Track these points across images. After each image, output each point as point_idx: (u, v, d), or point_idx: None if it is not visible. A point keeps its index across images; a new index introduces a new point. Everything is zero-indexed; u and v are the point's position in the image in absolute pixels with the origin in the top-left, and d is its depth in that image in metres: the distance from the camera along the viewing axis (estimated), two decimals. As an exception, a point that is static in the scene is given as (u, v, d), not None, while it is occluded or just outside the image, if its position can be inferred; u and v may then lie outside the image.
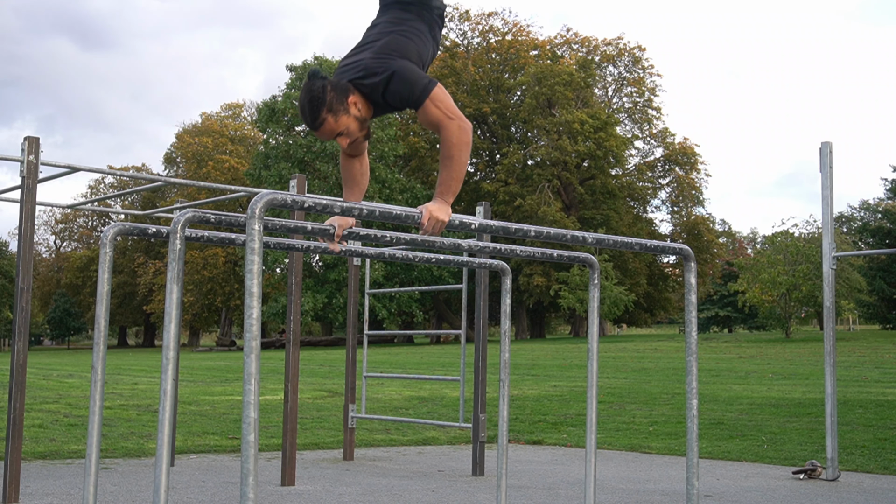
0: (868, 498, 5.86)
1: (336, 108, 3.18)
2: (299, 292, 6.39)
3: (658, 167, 54.64)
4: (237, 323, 63.34)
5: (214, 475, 6.61)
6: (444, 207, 3.18)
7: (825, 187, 6.96)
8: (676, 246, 3.65)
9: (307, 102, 3.18)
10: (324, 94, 3.16)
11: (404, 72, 3.22)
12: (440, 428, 9.75)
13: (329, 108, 3.17)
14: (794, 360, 22.45)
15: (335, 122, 3.19)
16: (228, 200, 8.66)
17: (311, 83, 3.19)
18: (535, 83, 48.90)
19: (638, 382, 16.08)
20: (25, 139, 5.58)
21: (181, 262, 2.91)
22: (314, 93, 3.17)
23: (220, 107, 70.30)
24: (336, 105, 3.18)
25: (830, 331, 6.93)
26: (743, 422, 10.11)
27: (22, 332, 5.42)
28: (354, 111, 3.23)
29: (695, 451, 3.58)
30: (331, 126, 3.20)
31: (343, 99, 3.19)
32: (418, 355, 29.38)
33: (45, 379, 18.41)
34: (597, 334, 3.91)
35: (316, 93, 3.17)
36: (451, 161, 3.23)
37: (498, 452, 4.09)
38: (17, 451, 5.30)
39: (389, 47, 3.31)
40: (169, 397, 2.87)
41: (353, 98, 3.23)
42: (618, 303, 42.12)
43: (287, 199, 2.77)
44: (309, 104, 3.18)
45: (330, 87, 3.18)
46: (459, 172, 3.24)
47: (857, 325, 62.41)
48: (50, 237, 73.60)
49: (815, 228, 40.81)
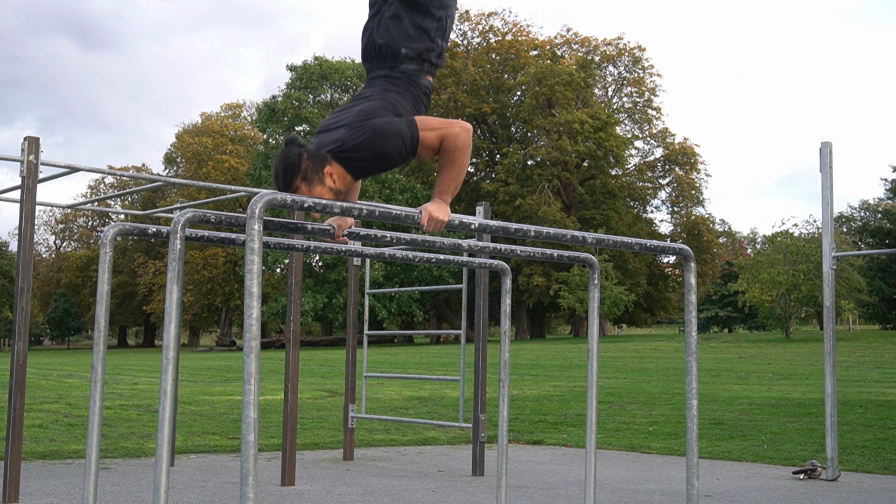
0: (868, 498, 5.86)
1: (310, 177, 3.11)
2: (299, 292, 6.39)
3: (658, 167, 54.63)
4: (237, 323, 63.36)
5: (214, 475, 6.61)
6: (443, 207, 3.17)
7: (825, 187, 6.96)
8: (676, 246, 3.65)
9: (281, 169, 3.13)
10: (299, 162, 3.11)
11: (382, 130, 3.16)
12: (440, 428, 9.75)
13: (303, 177, 3.11)
14: (794, 360, 22.45)
15: (308, 191, 3.12)
16: (228, 200, 8.67)
17: (288, 150, 3.14)
18: (535, 83, 48.90)
19: (638, 382, 16.08)
20: (25, 139, 5.58)
21: (181, 262, 2.91)
22: (289, 160, 3.12)
23: (220, 107, 70.35)
24: (311, 174, 3.11)
25: (830, 331, 6.93)
26: (743, 422, 10.11)
27: (22, 332, 5.42)
28: (329, 182, 3.15)
29: (695, 451, 3.58)
30: (304, 193, 3.12)
31: (319, 169, 3.13)
32: (418, 355, 29.38)
33: (45, 379, 18.41)
34: (597, 334, 3.91)
35: (291, 160, 3.11)
36: (452, 164, 3.22)
37: (498, 452, 4.09)
38: (17, 451, 5.30)
39: (364, 113, 3.22)
40: (169, 397, 2.87)
41: (329, 169, 3.15)
42: (618, 303, 42.12)
43: (287, 199, 2.77)
44: (283, 170, 3.12)
45: (307, 156, 3.12)
46: (460, 174, 3.23)
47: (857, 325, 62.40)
48: (50, 237, 73.68)
49: (815, 228, 40.82)
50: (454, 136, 3.20)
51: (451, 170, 3.22)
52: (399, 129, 3.17)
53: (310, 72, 50.40)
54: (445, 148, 3.22)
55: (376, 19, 3.46)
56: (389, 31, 3.39)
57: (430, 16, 3.41)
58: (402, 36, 3.37)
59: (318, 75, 50.43)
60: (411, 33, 3.38)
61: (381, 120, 3.19)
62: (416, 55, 3.38)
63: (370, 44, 3.45)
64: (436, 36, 3.43)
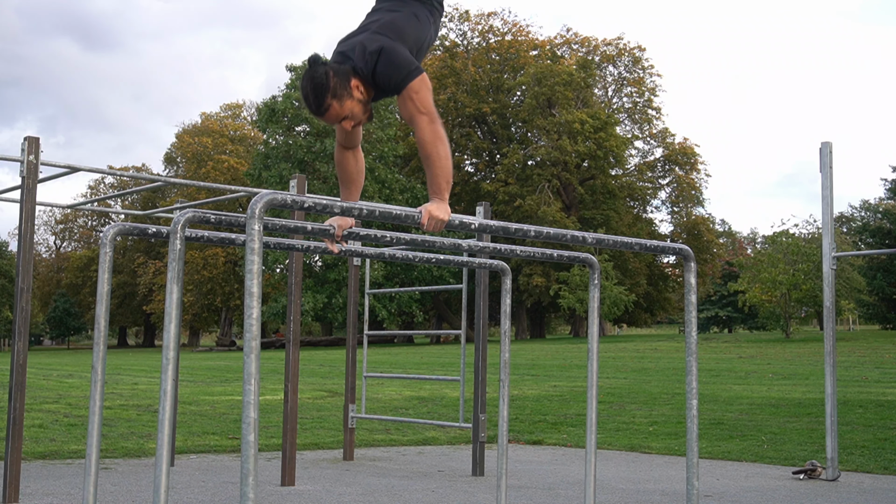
0: (868, 498, 5.86)
1: (340, 93, 3.19)
2: (299, 292, 6.39)
3: (658, 167, 54.64)
4: (237, 323, 63.35)
5: (214, 475, 6.61)
6: (442, 206, 3.18)
7: (825, 187, 6.96)
8: (676, 246, 3.65)
9: (311, 90, 3.19)
10: (327, 80, 3.17)
11: (391, 53, 3.23)
12: (440, 428, 9.75)
13: (333, 94, 3.18)
14: (794, 360, 22.45)
15: (340, 106, 3.21)
16: (228, 200, 8.66)
17: (314, 70, 3.20)
18: (535, 83, 48.90)
19: (638, 382, 16.08)
20: (25, 139, 5.58)
21: (181, 262, 2.91)
22: (317, 79, 3.18)
23: (220, 107, 70.37)
24: (339, 90, 3.19)
25: (830, 331, 6.93)
26: (743, 422, 10.11)
27: (22, 332, 5.42)
28: (357, 94, 3.23)
29: (695, 451, 3.58)
30: (336, 111, 3.21)
31: (346, 83, 3.20)
32: (418, 355, 29.38)
33: (45, 379, 18.41)
34: (597, 334, 3.91)
35: (319, 79, 3.18)
36: (430, 159, 3.23)
37: (498, 452, 4.09)
38: (17, 451, 5.30)
39: (385, 28, 3.32)
40: (169, 397, 2.87)
41: (355, 81, 3.23)
42: (618, 303, 42.12)
43: (287, 200, 2.77)
44: (313, 91, 3.19)
45: (332, 73, 3.19)
46: (444, 168, 3.22)
47: (857, 325, 62.40)
48: (50, 237, 73.67)
49: (815, 228, 40.82)
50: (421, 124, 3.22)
51: (433, 164, 3.23)
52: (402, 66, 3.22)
53: (309, 72, 50.37)
54: (416, 137, 3.26)
55: None
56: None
57: None
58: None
59: (303, 71, 50.38)
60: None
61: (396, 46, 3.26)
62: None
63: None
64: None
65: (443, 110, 49.05)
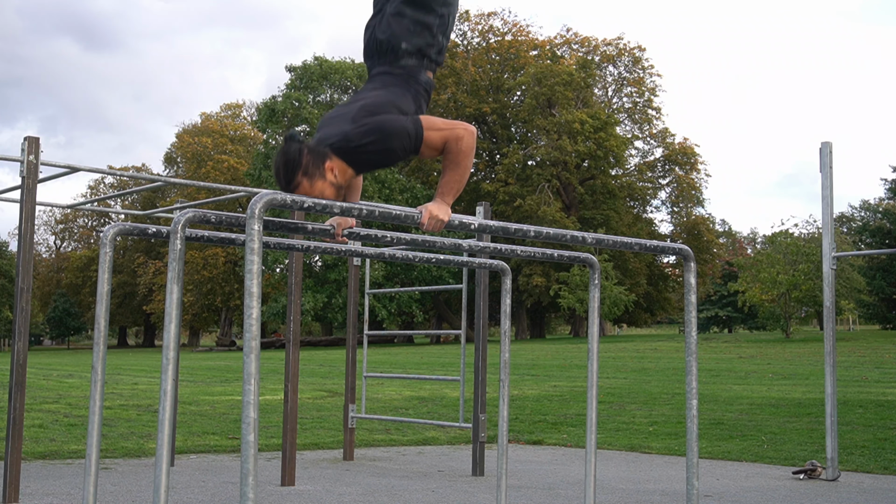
0: (868, 498, 5.86)
1: (311, 172, 3.12)
2: (299, 292, 6.39)
3: (658, 167, 54.64)
4: (237, 323, 63.35)
5: (214, 475, 6.61)
6: (443, 207, 3.18)
7: (825, 187, 6.96)
8: (676, 246, 3.65)
9: (282, 165, 3.13)
10: (300, 158, 3.11)
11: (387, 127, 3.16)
12: (440, 428, 9.75)
13: (304, 172, 3.11)
14: (794, 360, 22.45)
15: (310, 186, 3.12)
16: (228, 200, 8.66)
17: (288, 146, 3.14)
18: (535, 83, 48.89)
19: (638, 382, 16.08)
20: (25, 139, 5.58)
21: (181, 262, 2.91)
22: (290, 156, 3.12)
23: (220, 107, 70.36)
24: (312, 169, 3.11)
25: (830, 331, 6.92)
26: (743, 422, 10.11)
27: (22, 332, 5.42)
28: (330, 177, 3.15)
29: (695, 451, 3.58)
30: (305, 190, 3.13)
31: (319, 164, 3.13)
32: (418, 355, 29.38)
33: (45, 379, 18.41)
34: (597, 334, 3.91)
35: (292, 156, 3.11)
36: (456, 166, 3.23)
37: (498, 452, 4.09)
38: (17, 451, 5.30)
39: (367, 109, 3.23)
40: (169, 397, 2.87)
41: (330, 164, 3.15)
42: (618, 303, 42.11)
43: (287, 200, 2.77)
44: (284, 167, 3.12)
45: (307, 151, 3.12)
46: (463, 177, 3.24)
47: (857, 325, 62.40)
48: (50, 237, 73.66)
49: (814, 228, 40.82)
50: (458, 138, 3.21)
51: (455, 172, 3.23)
52: (404, 126, 3.18)
53: (310, 72, 50.41)
54: (449, 150, 3.22)
55: (379, 17, 3.48)
56: (391, 27, 3.40)
57: (432, 12, 3.43)
58: (404, 31, 3.39)
59: (317, 75, 50.42)
60: (412, 29, 3.39)
61: (386, 117, 3.20)
62: (416, 50, 3.39)
63: (371, 40, 3.47)
64: (437, 32, 3.44)
65: (443, 110, 49.07)
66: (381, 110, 3.22)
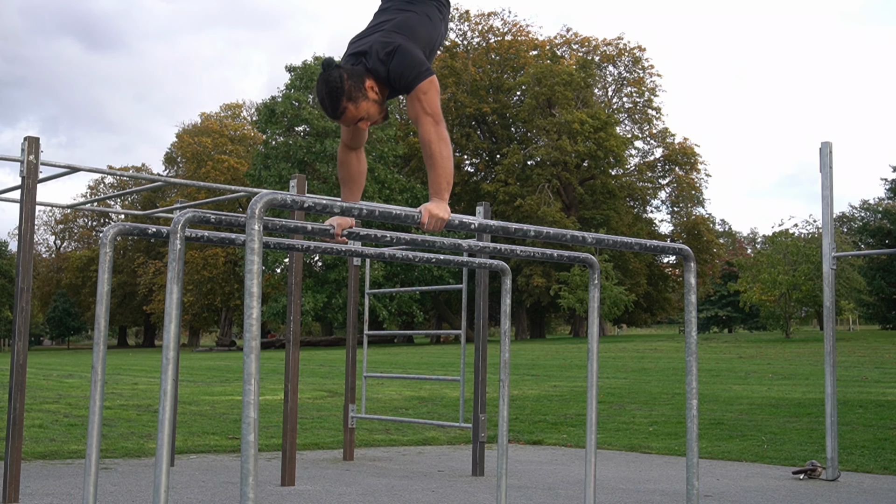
0: (868, 498, 5.86)
1: (355, 96, 3.22)
2: (299, 292, 6.39)
3: (658, 167, 54.66)
4: (237, 323, 63.35)
5: (214, 475, 6.61)
6: (442, 206, 3.19)
7: (825, 187, 6.96)
8: (676, 246, 3.65)
9: (326, 94, 3.21)
10: (342, 84, 3.19)
11: (405, 53, 3.25)
12: (440, 428, 9.75)
13: (349, 97, 3.21)
14: (794, 360, 22.45)
15: (356, 109, 3.23)
16: (228, 200, 8.67)
17: (328, 74, 3.22)
18: (535, 83, 48.91)
19: (638, 382, 16.08)
20: (25, 139, 5.58)
21: (181, 262, 2.91)
22: (332, 83, 3.20)
23: (220, 107, 70.35)
24: (355, 92, 3.21)
25: (830, 331, 6.92)
26: (743, 422, 10.11)
27: (22, 332, 5.42)
28: (373, 95, 3.26)
29: (695, 451, 3.58)
30: (352, 113, 3.24)
31: (360, 85, 3.22)
32: (418, 355, 29.38)
33: (45, 379, 18.41)
34: (597, 334, 3.91)
35: (334, 83, 3.20)
36: (432, 159, 3.25)
37: (498, 452, 4.09)
38: (17, 451, 5.30)
39: (399, 27, 3.34)
40: (169, 397, 2.87)
41: (370, 83, 3.25)
42: (618, 303, 42.12)
43: (287, 199, 2.77)
44: (329, 95, 3.21)
45: (347, 76, 3.21)
46: (445, 168, 3.25)
47: (857, 325, 62.40)
48: (50, 237, 73.66)
49: (814, 228, 40.83)
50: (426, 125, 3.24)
51: (435, 165, 3.24)
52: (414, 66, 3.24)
53: (310, 72, 50.39)
54: (420, 136, 3.27)
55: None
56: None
57: None
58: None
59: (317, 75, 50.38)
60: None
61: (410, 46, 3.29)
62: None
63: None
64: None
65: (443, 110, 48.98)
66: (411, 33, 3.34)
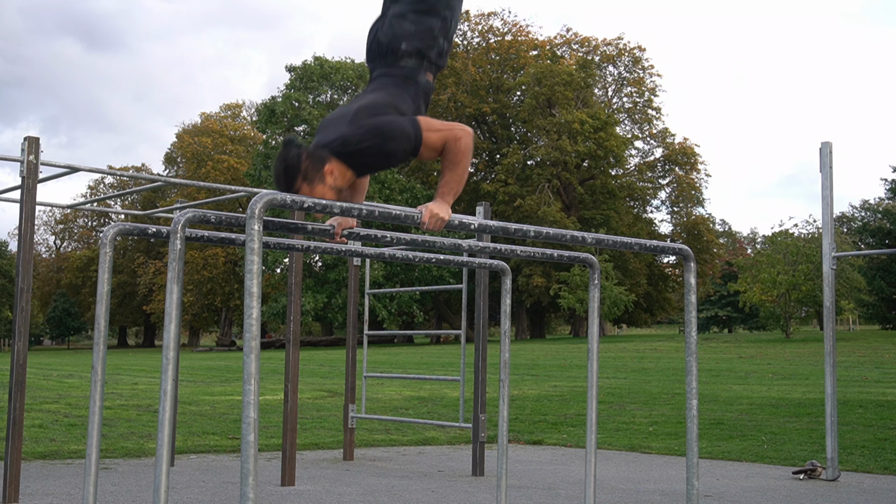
0: (868, 498, 5.86)
1: (311, 177, 3.13)
2: (299, 292, 6.39)
3: (658, 167, 54.65)
4: (237, 323, 63.35)
5: (214, 475, 6.61)
6: (444, 206, 3.18)
7: (825, 187, 6.96)
8: (676, 246, 3.65)
9: (282, 171, 3.14)
10: (298, 163, 3.12)
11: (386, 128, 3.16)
12: (440, 428, 9.75)
13: (304, 177, 3.12)
14: (794, 360, 22.46)
15: (310, 190, 3.13)
16: (228, 200, 8.67)
17: (287, 151, 3.15)
18: (535, 83, 48.90)
19: (638, 382, 16.08)
20: (25, 139, 5.58)
21: (181, 262, 2.91)
22: (289, 160, 3.13)
23: (220, 107, 70.35)
24: (312, 173, 3.12)
25: (830, 331, 6.92)
26: (743, 422, 10.11)
27: (22, 332, 5.42)
28: (330, 181, 3.16)
29: (695, 451, 3.58)
30: (306, 193, 3.13)
31: (319, 167, 3.13)
32: (418, 355, 29.38)
33: (45, 379, 18.41)
34: (597, 334, 3.91)
35: (291, 161, 3.12)
36: (455, 167, 3.23)
37: (498, 452, 4.09)
38: (17, 451, 5.30)
39: (366, 110, 3.23)
40: (169, 397, 2.87)
41: (330, 167, 3.15)
42: (618, 303, 42.11)
43: (287, 200, 2.77)
44: (284, 172, 3.13)
45: (305, 156, 3.13)
46: (462, 177, 3.25)
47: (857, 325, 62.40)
48: (50, 237, 73.65)
49: (814, 228, 40.84)
50: (456, 139, 3.21)
51: (454, 173, 3.24)
52: (403, 127, 3.18)
53: (309, 72, 50.40)
54: (448, 150, 3.23)
55: (382, 19, 3.48)
56: (392, 28, 3.40)
57: (435, 15, 3.42)
58: (404, 32, 3.38)
59: (318, 75, 50.40)
60: (413, 30, 3.39)
61: (385, 118, 3.19)
62: (415, 51, 3.38)
63: (373, 42, 3.47)
64: (439, 35, 3.43)
65: (443, 110, 49.07)
66: (379, 112, 3.22)
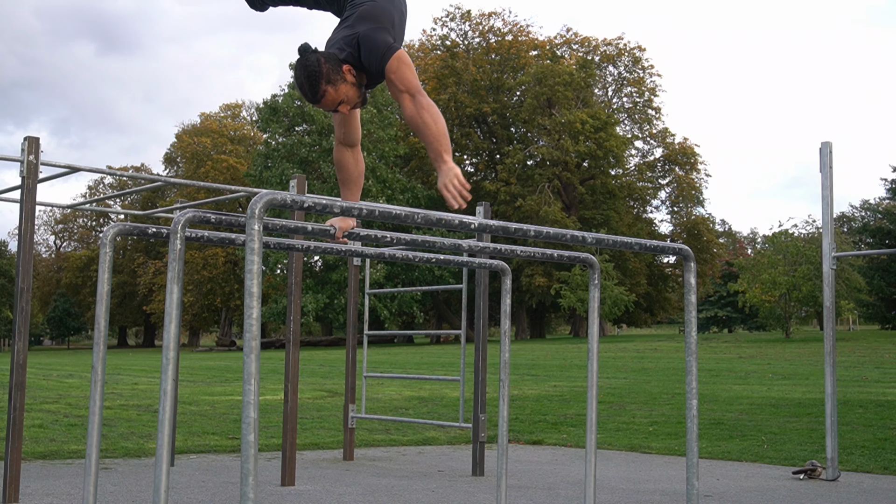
0: (868, 498, 5.86)
1: (333, 79, 3.26)
2: (299, 293, 6.39)
3: (658, 167, 54.67)
4: (237, 323, 63.34)
5: (214, 475, 6.60)
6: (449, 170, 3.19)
7: (825, 187, 6.95)
8: (676, 246, 3.65)
9: (305, 78, 3.25)
10: (319, 67, 3.24)
11: (368, 39, 3.31)
12: (440, 428, 9.75)
13: (327, 80, 3.25)
14: (794, 360, 22.45)
15: (335, 91, 3.27)
16: (228, 200, 8.67)
17: (305, 58, 3.26)
18: (536, 83, 48.91)
19: (638, 382, 16.08)
20: (25, 139, 5.58)
21: (181, 262, 2.91)
22: (310, 67, 3.24)
23: (220, 107, 70.33)
24: (333, 75, 3.26)
25: (830, 331, 6.92)
26: (743, 422, 10.11)
27: (22, 332, 5.42)
28: (350, 78, 3.31)
29: (695, 451, 3.58)
30: (332, 96, 3.28)
31: (338, 68, 3.27)
32: (418, 355, 29.37)
33: (45, 379, 18.41)
34: (597, 334, 3.91)
35: (312, 67, 3.24)
36: (420, 129, 3.28)
37: (498, 452, 4.09)
38: (17, 451, 5.30)
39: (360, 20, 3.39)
40: (169, 397, 2.87)
41: (347, 66, 3.31)
42: (618, 303, 42.13)
43: (287, 199, 2.77)
44: (307, 79, 3.25)
45: (324, 60, 3.25)
46: (438, 132, 3.25)
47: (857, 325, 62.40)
48: (50, 237, 73.65)
49: (814, 229, 40.83)
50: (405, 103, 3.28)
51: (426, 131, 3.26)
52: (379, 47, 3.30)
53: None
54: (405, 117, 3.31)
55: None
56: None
57: None
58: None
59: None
60: None
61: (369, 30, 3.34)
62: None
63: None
64: None
65: (443, 110, 49.03)
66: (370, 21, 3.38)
